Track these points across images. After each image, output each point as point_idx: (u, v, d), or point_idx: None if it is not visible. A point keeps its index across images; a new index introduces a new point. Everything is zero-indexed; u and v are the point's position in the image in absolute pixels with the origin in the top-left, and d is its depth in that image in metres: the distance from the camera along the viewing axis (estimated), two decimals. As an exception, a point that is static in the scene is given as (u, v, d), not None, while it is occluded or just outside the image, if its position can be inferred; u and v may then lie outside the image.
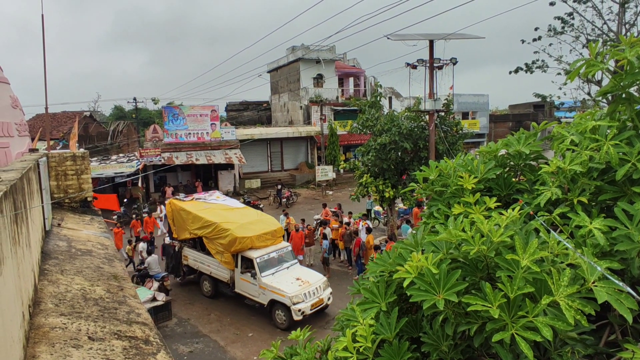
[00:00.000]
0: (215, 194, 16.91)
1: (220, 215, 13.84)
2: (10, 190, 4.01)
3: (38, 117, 39.45)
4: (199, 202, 15.44)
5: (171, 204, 15.38)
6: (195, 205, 14.98)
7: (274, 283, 12.15)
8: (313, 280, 12.49)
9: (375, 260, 2.63)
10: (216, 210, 14.41)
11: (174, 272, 15.47)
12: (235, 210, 14.93)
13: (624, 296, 1.70)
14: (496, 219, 2.15)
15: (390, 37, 16.13)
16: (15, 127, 8.66)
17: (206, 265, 14.26)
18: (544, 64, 20.03)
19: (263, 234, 13.16)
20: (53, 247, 7.20)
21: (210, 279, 14.28)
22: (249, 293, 12.82)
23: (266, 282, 12.24)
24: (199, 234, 13.80)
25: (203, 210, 14.37)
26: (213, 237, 13.27)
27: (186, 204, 15.06)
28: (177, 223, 15.06)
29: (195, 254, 14.76)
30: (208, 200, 15.71)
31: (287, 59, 39.11)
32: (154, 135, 30.02)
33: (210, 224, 13.39)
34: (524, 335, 1.73)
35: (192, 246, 15.01)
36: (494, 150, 2.87)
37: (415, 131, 16.96)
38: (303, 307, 11.69)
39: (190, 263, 15.01)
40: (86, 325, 4.45)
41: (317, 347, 2.80)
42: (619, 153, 2.11)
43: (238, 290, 13.20)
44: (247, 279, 12.71)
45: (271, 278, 12.38)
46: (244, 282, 12.92)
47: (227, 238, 12.78)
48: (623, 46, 2.20)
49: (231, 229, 12.85)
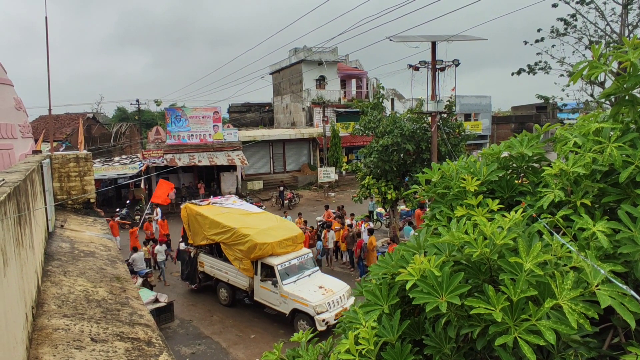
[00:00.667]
0: (232, 198, 16.34)
1: (239, 220, 13.36)
2: (13, 192, 4.03)
3: (41, 119, 39.62)
4: (215, 206, 14.83)
5: (187, 208, 14.77)
6: (212, 209, 14.39)
7: (296, 291, 11.67)
8: (337, 289, 12.05)
9: (377, 263, 2.63)
10: (234, 215, 13.93)
11: (189, 279, 15.00)
12: (254, 215, 14.44)
13: (627, 299, 1.69)
14: (499, 222, 2.14)
15: (392, 38, 16.14)
16: (19, 129, 8.70)
17: (223, 273, 13.71)
18: (546, 65, 19.98)
19: (284, 240, 12.67)
20: (56, 248, 7.22)
21: (227, 287, 13.74)
22: (269, 302, 12.33)
23: (288, 291, 11.76)
24: (217, 239, 13.30)
25: (220, 214, 13.84)
26: (231, 243, 12.80)
27: (202, 208, 14.48)
28: (192, 228, 14.49)
29: (212, 261, 14.21)
30: (225, 204, 15.14)
31: (290, 61, 39.17)
32: (156, 137, 30.10)
33: (228, 229, 12.89)
34: (527, 338, 1.72)
35: (209, 252, 14.46)
36: (497, 152, 2.86)
37: (418, 133, 16.96)
38: (327, 316, 11.21)
39: (207, 270, 14.43)
40: (89, 327, 4.46)
41: (319, 350, 2.80)
42: (623, 155, 2.10)
43: (257, 298, 12.69)
44: (268, 287, 12.21)
45: (293, 286, 11.90)
46: (264, 290, 12.41)
47: (246, 244, 12.32)
48: (626, 48, 2.20)
49: (251, 234, 12.37)
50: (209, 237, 13.57)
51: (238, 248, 12.59)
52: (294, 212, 25.07)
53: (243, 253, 12.49)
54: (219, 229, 13.17)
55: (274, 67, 42.32)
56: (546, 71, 20.00)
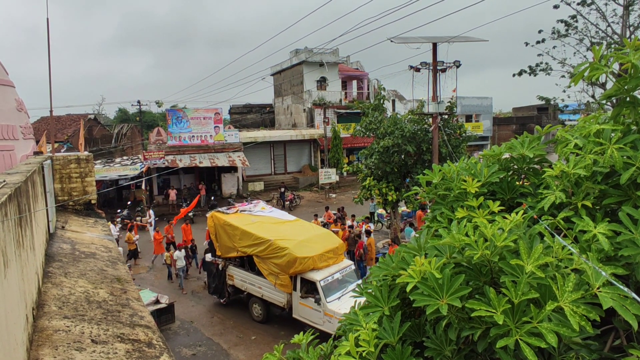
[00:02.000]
0: (260, 204, 15.05)
1: (273, 231, 12.27)
2: (14, 193, 4.03)
3: (43, 120, 39.69)
4: (244, 215, 13.66)
5: (214, 217, 13.58)
6: (241, 218, 13.26)
7: (342, 310, 10.10)
8: None
9: (378, 264, 2.62)
10: (266, 225, 12.80)
11: (216, 292, 13.98)
12: (287, 223, 13.32)
13: (629, 302, 1.69)
14: (500, 223, 2.14)
15: (393, 40, 16.15)
16: (21, 130, 8.72)
17: (257, 287, 12.56)
18: (547, 66, 19.98)
19: (325, 253, 11.61)
20: (57, 249, 7.22)
21: (261, 302, 12.61)
22: (311, 320, 11.10)
23: (333, 310, 10.54)
24: (249, 252, 12.16)
25: (251, 224, 12.71)
26: (267, 256, 11.68)
27: (230, 217, 13.31)
28: (221, 239, 13.30)
29: (244, 274, 13.01)
30: (254, 212, 14.02)
31: (291, 62, 39.21)
32: (157, 138, 30.15)
33: (262, 241, 11.77)
34: (528, 341, 1.71)
35: (240, 265, 13.30)
36: (498, 153, 2.86)
37: (419, 134, 16.96)
38: None
39: (237, 284, 13.27)
40: (89, 328, 4.46)
41: (320, 351, 2.79)
42: (624, 157, 2.09)
43: (296, 316, 11.60)
44: (309, 304, 11.13)
45: (338, 304, 10.70)
46: (304, 307, 11.32)
47: (284, 258, 11.23)
48: (627, 49, 2.19)
49: (289, 247, 11.28)
50: (240, 249, 12.47)
51: (274, 262, 11.52)
52: (295, 213, 25.06)
53: (280, 267, 11.43)
54: (252, 240, 12.09)
55: (275, 69, 42.36)
56: (547, 72, 20.00)
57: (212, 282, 14.02)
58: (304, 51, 37.27)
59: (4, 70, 8.44)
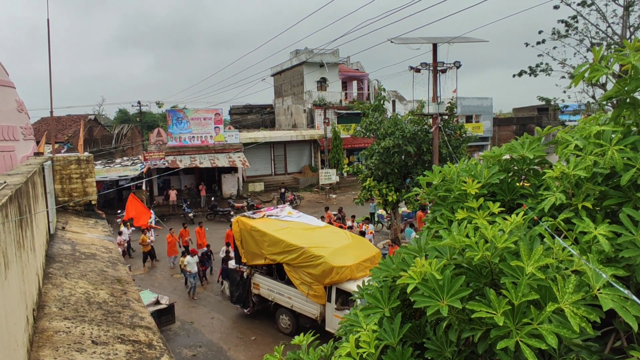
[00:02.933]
0: (286, 209, 14.22)
1: (305, 238, 11.56)
2: (15, 194, 4.04)
3: (43, 121, 39.72)
4: (272, 220, 12.94)
5: (239, 222, 12.77)
6: (269, 224, 12.51)
7: None
8: None
9: (379, 265, 2.62)
10: (297, 231, 12.05)
11: (239, 302, 13.12)
12: (319, 229, 12.52)
13: (629, 304, 1.69)
14: (500, 225, 2.14)
15: (393, 40, 16.16)
16: (21, 131, 8.72)
17: (286, 297, 11.82)
18: (548, 67, 19.98)
19: (362, 262, 10.96)
20: (57, 250, 7.22)
21: (290, 314, 11.86)
22: None
23: None
24: (279, 260, 11.42)
25: (281, 230, 11.98)
26: (299, 264, 10.97)
27: (257, 222, 12.56)
28: (247, 245, 12.51)
29: (271, 283, 12.24)
30: (282, 217, 13.24)
31: (291, 63, 39.23)
32: (158, 138, 30.15)
33: (295, 248, 11.03)
34: (528, 342, 1.71)
35: (267, 273, 12.53)
36: (498, 154, 2.86)
37: (419, 135, 16.96)
38: None
39: (263, 293, 12.47)
40: (90, 329, 4.46)
41: (320, 353, 2.79)
42: (624, 158, 2.09)
43: (330, 329, 10.64)
44: None
45: None
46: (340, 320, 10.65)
47: (319, 267, 10.53)
48: (627, 51, 2.19)
49: (324, 255, 10.57)
50: (269, 256, 11.73)
51: (307, 271, 10.82)
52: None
53: (314, 277, 10.74)
54: (282, 247, 11.34)
55: (275, 69, 42.38)
56: (547, 73, 20.00)
57: (236, 291, 13.22)
58: (304, 52, 37.29)
59: (4, 71, 8.45)
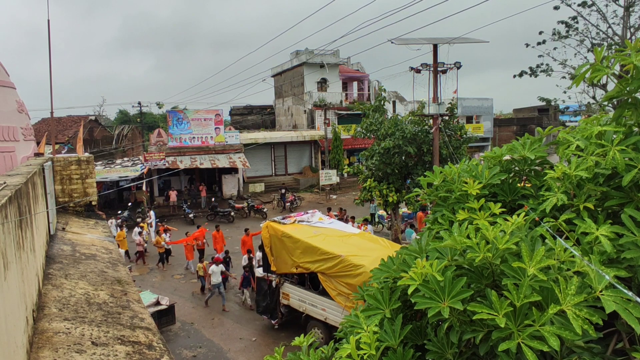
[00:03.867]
0: (317, 214, 13.36)
1: (342, 245, 10.86)
2: (15, 195, 4.03)
3: (43, 121, 39.76)
4: (303, 225, 12.24)
5: (269, 228, 12.14)
6: (301, 230, 11.82)
7: None
8: None
9: (379, 266, 2.61)
10: (332, 238, 11.34)
11: (267, 312, 12.48)
12: (354, 236, 11.81)
13: (631, 305, 1.67)
14: (501, 225, 2.13)
15: (394, 41, 16.16)
16: (21, 132, 8.72)
17: (319, 309, 11.05)
18: (548, 67, 20.00)
19: None
20: (57, 251, 7.22)
21: (323, 326, 11.06)
22: None
23: None
24: (313, 268, 10.73)
25: (315, 237, 11.28)
26: (336, 274, 10.32)
27: (289, 228, 11.85)
28: (277, 252, 11.86)
29: (303, 294, 11.52)
30: (313, 223, 12.47)
31: (291, 64, 39.24)
32: (158, 139, 30.15)
33: (331, 257, 10.32)
34: (530, 344, 1.70)
35: (299, 282, 11.84)
36: (499, 155, 2.85)
37: (419, 135, 16.96)
38: None
39: (293, 303, 11.74)
40: (90, 330, 4.45)
41: (320, 354, 2.78)
42: (625, 159, 2.08)
43: None
44: None
45: None
46: None
47: (359, 277, 9.81)
48: (629, 51, 2.18)
49: (365, 264, 9.85)
50: (302, 265, 11.08)
51: (345, 281, 10.18)
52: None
53: (353, 288, 9.88)
54: (317, 256, 10.65)
55: (276, 70, 42.39)
56: (548, 73, 20.01)
57: (263, 301, 12.55)
58: (304, 52, 37.30)
59: (5, 72, 8.46)
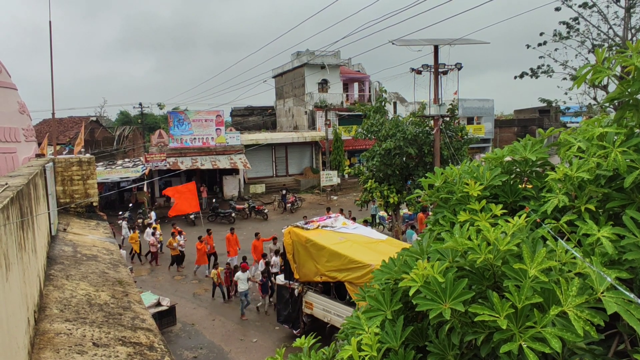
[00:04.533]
0: (340, 219, 12.68)
1: (370, 253, 10.28)
2: (16, 196, 4.04)
3: (45, 122, 39.81)
4: (327, 231, 11.61)
5: (292, 233, 11.63)
6: (326, 236, 11.23)
7: None
8: None
9: (380, 268, 2.61)
10: (358, 245, 10.80)
11: (288, 322, 12.06)
12: (381, 243, 11.19)
13: (633, 307, 1.67)
14: (503, 227, 2.13)
15: (395, 42, 16.17)
16: (23, 133, 8.74)
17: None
18: (549, 68, 19.98)
19: None
20: (59, 252, 7.22)
21: None
22: None
23: None
24: (340, 277, 10.16)
25: (341, 244, 10.79)
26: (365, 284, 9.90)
27: (312, 234, 11.27)
28: (300, 259, 11.34)
29: (328, 303, 10.98)
30: (337, 228, 11.82)
31: (292, 65, 39.26)
32: (159, 140, 30.18)
33: (360, 265, 9.72)
34: (532, 346, 1.70)
35: (324, 291, 11.31)
36: (500, 156, 2.85)
37: (420, 136, 16.96)
38: None
39: (317, 313, 11.23)
40: (91, 331, 4.45)
41: (322, 355, 2.78)
42: (627, 160, 2.08)
43: None
44: None
45: None
46: None
47: None
48: (630, 52, 2.18)
49: None
50: (328, 273, 10.56)
51: None
52: (297, 216, 25.05)
53: None
54: (344, 264, 10.13)
55: (277, 71, 42.42)
56: (549, 74, 20.01)
57: (284, 310, 12.14)
58: (305, 54, 37.33)
59: (6, 73, 8.48)
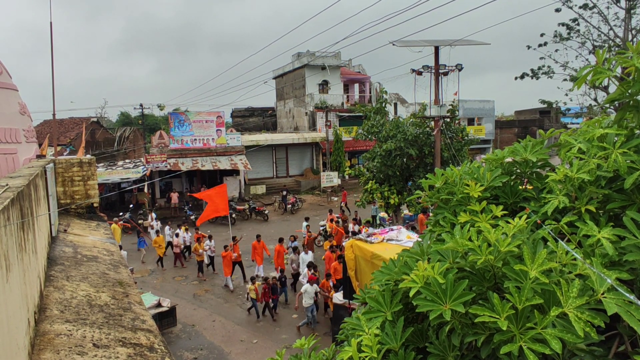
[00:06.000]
0: (403, 231, 11.71)
1: None
2: (17, 197, 4.04)
3: (46, 123, 39.85)
4: (393, 245, 10.63)
5: (354, 247, 10.74)
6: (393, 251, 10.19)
7: None
8: None
9: (381, 269, 2.61)
10: None
11: None
12: None
13: (633, 308, 1.67)
14: (503, 228, 2.13)
15: (395, 43, 16.17)
16: (23, 134, 8.74)
17: None
18: (549, 69, 19.99)
19: None
20: (59, 253, 7.22)
21: None
22: None
23: None
24: None
25: None
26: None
27: (377, 248, 10.24)
28: (363, 275, 10.41)
29: None
30: (403, 242, 10.68)
31: (293, 66, 39.28)
32: (160, 141, 30.19)
33: None
34: (532, 347, 1.70)
35: None
36: (500, 157, 2.85)
37: (421, 137, 16.96)
38: None
39: None
40: (91, 332, 4.45)
41: (322, 356, 2.78)
42: (627, 161, 2.08)
43: None
44: None
45: None
46: None
47: None
48: (630, 53, 2.18)
49: None
50: None
51: None
52: (297, 216, 25.04)
53: None
54: None
55: (277, 72, 42.44)
56: (549, 75, 20.02)
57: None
58: (306, 55, 37.35)
59: (7, 74, 8.48)
